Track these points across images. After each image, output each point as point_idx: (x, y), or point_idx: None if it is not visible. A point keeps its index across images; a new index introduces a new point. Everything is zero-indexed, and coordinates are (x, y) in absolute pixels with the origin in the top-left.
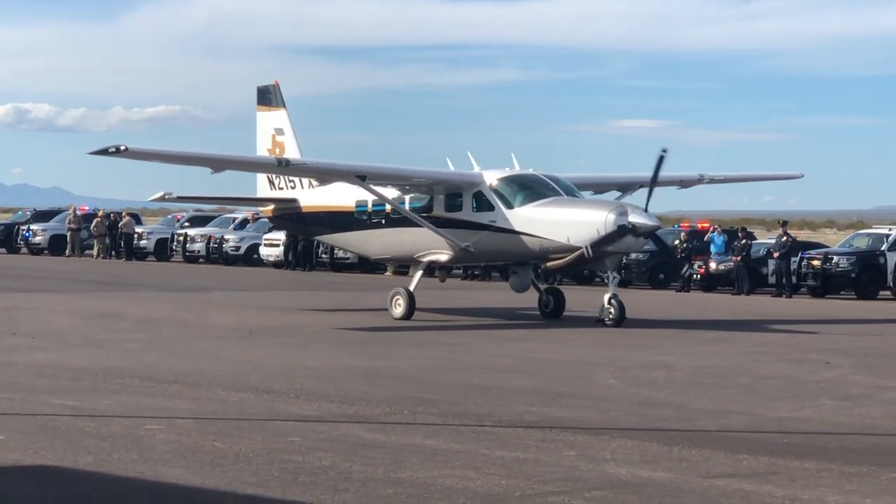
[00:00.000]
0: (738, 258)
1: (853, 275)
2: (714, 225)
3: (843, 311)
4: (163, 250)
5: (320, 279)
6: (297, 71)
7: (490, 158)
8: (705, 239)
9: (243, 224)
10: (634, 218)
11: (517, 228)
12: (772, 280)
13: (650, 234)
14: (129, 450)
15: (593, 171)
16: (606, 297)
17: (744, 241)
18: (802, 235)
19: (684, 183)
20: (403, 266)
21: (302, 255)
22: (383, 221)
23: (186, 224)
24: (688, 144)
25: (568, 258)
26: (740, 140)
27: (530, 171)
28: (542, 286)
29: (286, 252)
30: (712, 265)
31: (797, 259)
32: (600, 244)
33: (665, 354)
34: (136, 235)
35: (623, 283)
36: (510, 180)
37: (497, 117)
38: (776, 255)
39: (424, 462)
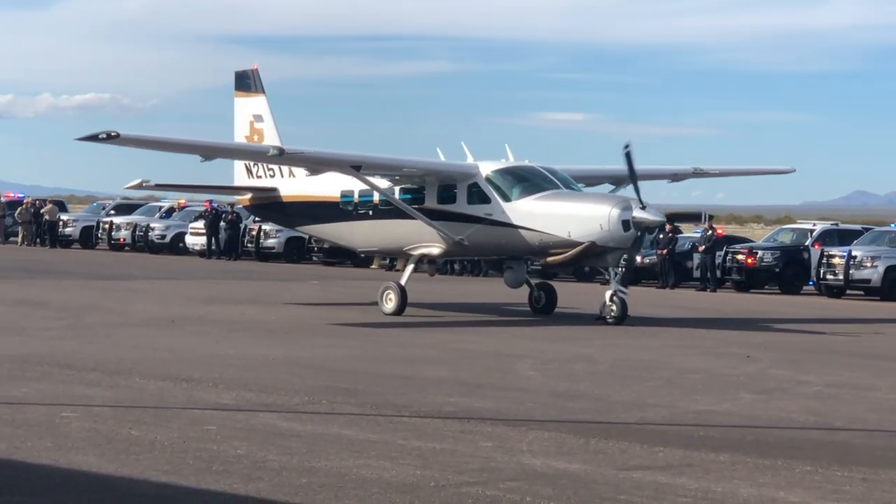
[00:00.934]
0: (664, 252)
1: (777, 269)
2: None
3: (767, 306)
4: (88, 238)
5: (245, 268)
6: (226, 61)
7: (417, 150)
8: None
9: (170, 212)
10: (639, 213)
11: (515, 222)
12: (696, 274)
13: (655, 229)
14: (43, 437)
15: (587, 164)
16: (608, 294)
17: (669, 234)
18: (729, 230)
19: (677, 176)
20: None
21: (227, 244)
22: (371, 213)
23: (112, 212)
24: (617, 138)
25: (569, 253)
26: (669, 134)
27: (526, 162)
28: (534, 281)
29: (209, 241)
30: (637, 258)
31: (722, 253)
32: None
33: (586, 347)
34: (60, 223)
35: (548, 276)
36: (507, 172)
37: (426, 109)
38: (701, 248)
39: (340, 452)
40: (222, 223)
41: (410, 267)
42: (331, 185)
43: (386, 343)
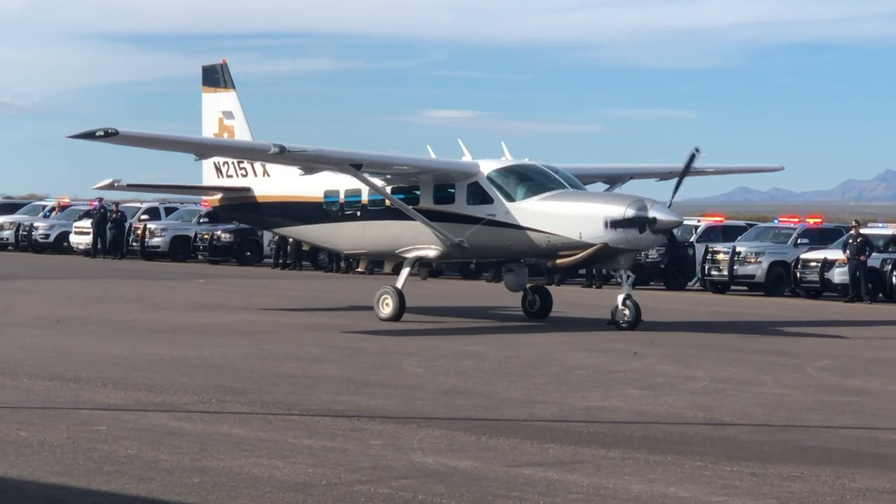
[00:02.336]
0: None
1: (662, 266)
2: None
3: (652, 302)
4: None
5: (130, 267)
6: (111, 58)
7: None
8: None
9: (51, 212)
10: (655, 213)
11: (521, 223)
12: (583, 271)
13: (671, 230)
14: None
15: (580, 163)
16: (620, 297)
17: None
18: None
19: (664, 177)
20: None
21: (112, 243)
22: (359, 213)
23: None
24: (503, 135)
25: (580, 255)
26: (555, 132)
27: (526, 160)
28: (528, 285)
29: (94, 240)
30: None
31: None
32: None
33: (474, 344)
34: None
35: (434, 273)
36: (510, 171)
37: (311, 107)
38: None
39: (231, 451)
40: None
41: (406, 270)
42: (312, 185)
43: (271, 341)
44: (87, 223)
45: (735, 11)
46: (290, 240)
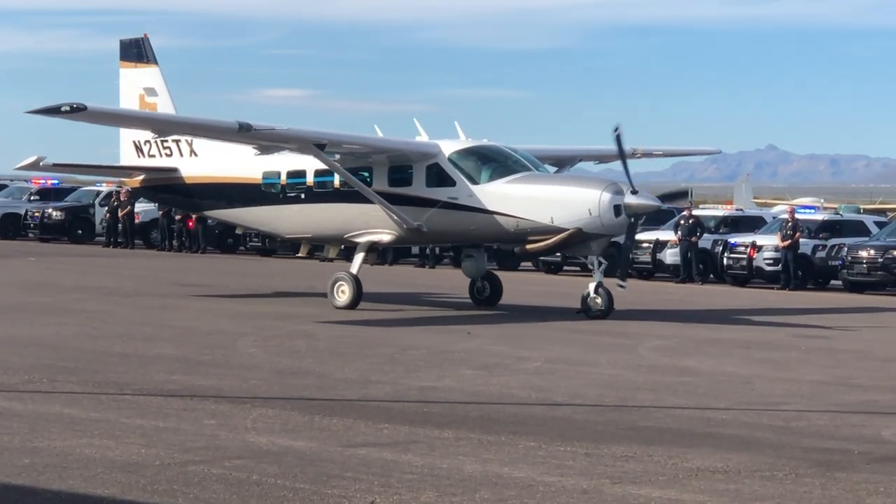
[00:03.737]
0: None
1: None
2: None
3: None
4: None
5: None
6: None
7: None
8: None
9: None
10: (631, 198)
11: (487, 206)
12: (415, 251)
13: (646, 215)
14: None
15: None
16: (592, 285)
17: None
18: None
19: (604, 160)
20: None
21: None
22: (303, 196)
23: None
24: (336, 114)
25: (551, 240)
26: (388, 111)
27: (485, 141)
28: None
29: None
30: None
31: None
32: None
33: (307, 324)
34: None
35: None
36: (472, 152)
37: None
38: None
39: (63, 431)
40: None
41: (360, 255)
42: (247, 166)
43: (102, 320)
44: None
45: None
46: (122, 218)
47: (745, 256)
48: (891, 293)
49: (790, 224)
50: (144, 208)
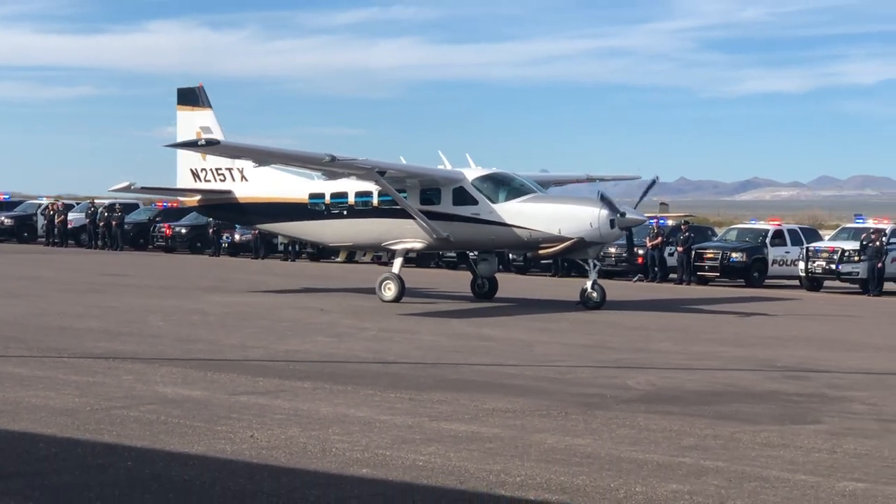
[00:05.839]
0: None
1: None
2: None
3: (336, 271)
4: None
5: None
6: None
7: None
8: None
9: None
10: (624, 212)
11: (506, 221)
12: (281, 247)
13: (633, 227)
14: None
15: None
16: (588, 283)
17: None
18: None
19: (561, 183)
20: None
21: None
22: (345, 213)
23: None
24: None
25: (558, 247)
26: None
27: (494, 170)
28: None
29: None
30: (236, 236)
31: None
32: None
33: (199, 302)
34: None
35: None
36: (489, 178)
37: (75, 124)
38: None
39: (14, 386)
40: None
41: (399, 259)
42: (291, 188)
43: (44, 302)
44: None
45: (396, 55)
46: (58, 224)
47: None
48: (627, 279)
49: None
50: (75, 216)
